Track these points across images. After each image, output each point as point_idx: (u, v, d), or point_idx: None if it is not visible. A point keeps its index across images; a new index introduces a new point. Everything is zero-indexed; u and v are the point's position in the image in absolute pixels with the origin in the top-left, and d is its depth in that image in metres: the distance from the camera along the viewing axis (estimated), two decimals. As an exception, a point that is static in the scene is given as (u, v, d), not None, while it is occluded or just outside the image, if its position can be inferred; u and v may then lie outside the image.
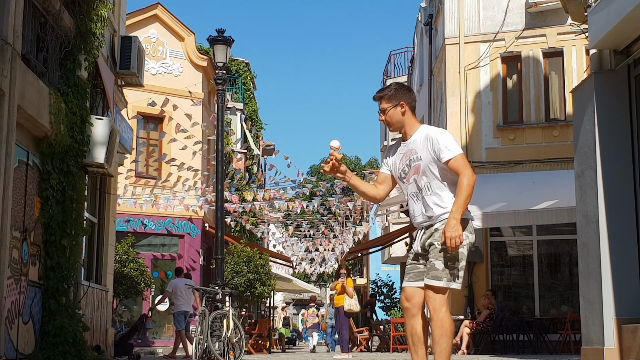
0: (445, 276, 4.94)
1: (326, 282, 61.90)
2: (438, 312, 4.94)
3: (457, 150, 5.01)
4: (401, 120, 5.19)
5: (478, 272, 18.18)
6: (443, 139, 5.05)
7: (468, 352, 16.64)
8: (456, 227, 4.84)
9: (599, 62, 9.56)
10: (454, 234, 4.83)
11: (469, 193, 4.91)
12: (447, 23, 19.38)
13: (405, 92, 5.21)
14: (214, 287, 13.50)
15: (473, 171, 5.00)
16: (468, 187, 4.91)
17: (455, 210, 4.89)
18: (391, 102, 5.17)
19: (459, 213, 4.88)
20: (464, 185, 4.91)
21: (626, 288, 8.91)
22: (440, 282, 4.94)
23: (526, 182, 17.28)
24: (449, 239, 4.83)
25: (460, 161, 4.98)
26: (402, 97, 5.17)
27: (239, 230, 27.96)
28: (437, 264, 4.96)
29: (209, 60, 24.07)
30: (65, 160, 10.74)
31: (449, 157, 4.97)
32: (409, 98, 5.20)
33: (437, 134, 5.08)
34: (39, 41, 10.29)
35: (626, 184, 9.13)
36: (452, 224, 4.86)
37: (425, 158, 5.07)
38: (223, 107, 15.43)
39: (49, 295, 10.36)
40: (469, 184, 4.91)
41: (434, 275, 4.95)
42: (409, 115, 5.18)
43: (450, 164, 4.98)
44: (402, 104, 5.16)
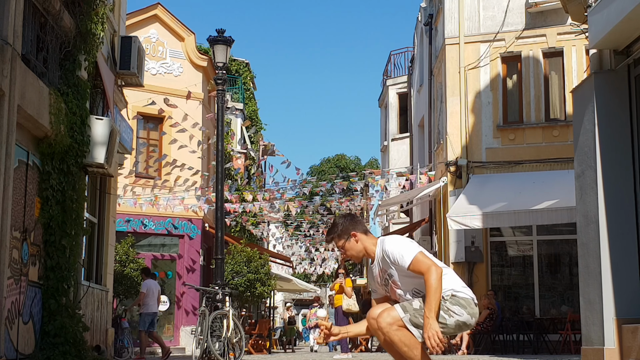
0: (411, 314, 4.93)
1: (326, 282, 61.92)
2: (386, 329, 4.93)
3: (412, 253, 4.96)
4: (359, 249, 5.22)
5: (478, 272, 18.18)
6: (395, 249, 5.03)
7: (468, 352, 16.64)
8: (432, 325, 4.79)
9: (599, 62, 9.55)
10: (430, 333, 4.77)
11: (435, 288, 4.84)
12: (447, 23, 19.39)
13: (350, 222, 5.25)
14: (214, 287, 13.50)
15: (435, 264, 4.93)
16: (434, 282, 4.84)
17: (427, 309, 4.83)
18: (342, 237, 5.22)
19: (432, 312, 4.81)
20: (430, 285, 4.85)
21: (626, 288, 8.91)
22: (403, 313, 4.95)
23: (526, 182, 17.28)
24: (427, 339, 4.79)
25: (419, 261, 4.92)
26: (349, 228, 5.22)
27: (239, 230, 27.97)
28: (414, 303, 4.98)
29: (209, 60, 24.06)
30: (65, 160, 10.74)
31: (407, 263, 4.94)
32: (357, 225, 5.24)
33: (389, 248, 5.07)
34: (39, 41, 10.29)
35: (626, 184, 9.12)
36: (427, 323, 4.81)
37: (394, 273, 5.08)
38: (223, 107, 15.43)
39: (49, 295, 10.36)
40: (433, 278, 4.85)
41: (402, 306, 4.98)
42: (364, 239, 5.21)
43: (411, 269, 4.95)
44: (353, 234, 5.20)
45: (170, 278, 24.19)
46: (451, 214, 16.74)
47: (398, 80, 30.27)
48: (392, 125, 30.13)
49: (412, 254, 4.95)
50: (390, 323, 4.92)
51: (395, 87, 30.32)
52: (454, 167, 18.67)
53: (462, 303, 4.96)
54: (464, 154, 18.69)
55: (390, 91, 30.40)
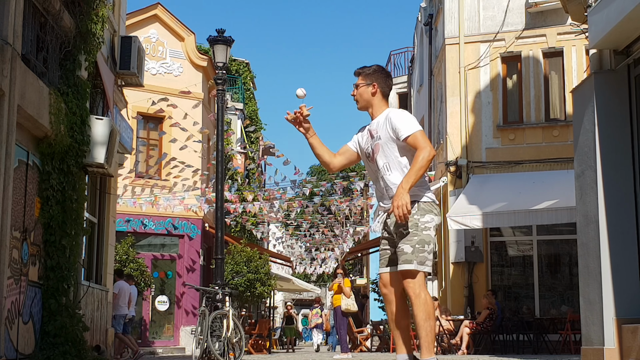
0: (414, 259, 4.95)
1: (326, 282, 61.89)
2: (418, 297, 4.96)
3: (415, 128, 5.02)
4: (369, 100, 5.26)
5: (478, 272, 18.18)
6: (401, 117, 5.09)
7: (468, 352, 16.64)
8: (403, 195, 4.82)
9: (599, 62, 9.55)
10: (400, 202, 4.81)
11: (422, 165, 4.89)
12: (447, 23, 19.38)
13: (381, 75, 5.27)
14: (214, 287, 13.50)
15: (432, 147, 4.99)
16: (423, 159, 4.89)
17: (405, 180, 4.89)
18: (366, 80, 5.26)
19: (408, 183, 4.86)
20: (419, 158, 4.90)
21: (626, 288, 8.91)
22: (410, 265, 4.95)
23: (526, 182, 17.28)
24: (395, 207, 4.83)
25: (418, 137, 4.97)
26: (376, 78, 5.25)
27: (239, 230, 27.96)
28: (405, 248, 4.99)
29: (209, 60, 24.06)
30: (65, 160, 10.74)
31: (407, 133, 4.99)
32: (383, 82, 5.26)
33: (396, 113, 5.13)
34: (39, 41, 10.29)
35: (626, 184, 9.12)
36: (399, 192, 4.86)
37: (384, 137, 5.11)
38: (223, 107, 15.43)
39: (49, 295, 10.35)
40: (424, 157, 4.89)
41: (404, 260, 4.98)
42: (378, 98, 5.25)
43: (408, 140, 4.99)
44: (374, 85, 5.24)
45: (170, 278, 24.18)
46: (451, 214, 16.74)
47: (398, 80, 30.26)
48: (392, 125, 30.09)
49: (415, 128, 5.02)
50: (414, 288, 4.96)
51: (395, 87, 30.29)
52: (454, 167, 18.67)
53: (428, 208, 5.06)
54: (464, 154, 18.68)
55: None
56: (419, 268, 4.96)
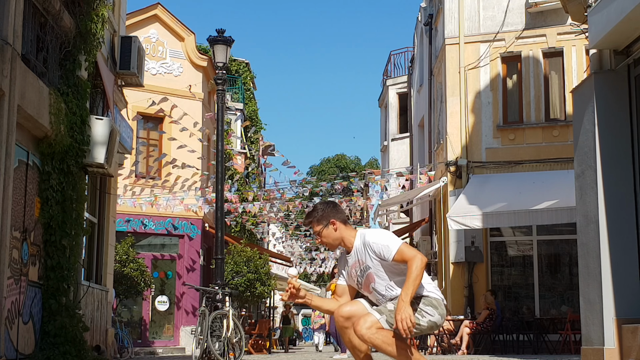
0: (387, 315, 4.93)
1: (326, 282, 61.94)
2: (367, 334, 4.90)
3: (396, 244, 4.97)
4: (337, 237, 5.20)
5: (478, 272, 18.18)
6: (378, 240, 5.03)
7: (468, 352, 16.64)
8: (405, 308, 4.79)
9: (599, 62, 9.55)
10: (403, 316, 4.77)
11: (417, 274, 4.85)
12: (447, 23, 19.38)
13: (331, 209, 5.22)
14: (214, 287, 13.50)
15: (421, 254, 4.95)
16: (417, 269, 4.85)
17: (404, 293, 4.84)
18: (321, 223, 5.19)
19: (408, 296, 4.82)
20: (413, 271, 4.86)
21: (626, 288, 8.91)
22: (379, 315, 4.94)
23: (526, 182, 17.27)
24: (399, 321, 4.78)
25: (404, 252, 4.94)
26: (329, 215, 5.19)
27: (239, 230, 27.96)
28: (389, 305, 4.99)
29: (209, 60, 24.07)
30: (65, 160, 10.74)
31: (392, 254, 4.95)
32: (337, 213, 5.22)
33: (372, 237, 5.07)
34: (39, 41, 10.29)
35: (626, 184, 9.12)
36: (401, 306, 4.81)
37: (373, 265, 5.07)
38: (223, 107, 15.43)
39: (49, 295, 10.36)
40: (417, 266, 4.85)
41: (377, 310, 4.98)
42: (342, 229, 5.19)
43: (395, 259, 4.95)
44: (332, 222, 5.18)
45: (170, 278, 24.20)
46: (451, 214, 16.74)
47: (398, 80, 30.27)
48: (392, 125, 30.13)
49: (397, 244, 4.97)
50: (368, 327, 4.90)
51: (395, 87, 30.33)
52: (454, 167, 18.67)
53: (434, 304, 5.02)
54: (464, 154, 18.68)
55: (390, 91, 30.40)
56: (384, 324, 4.92)
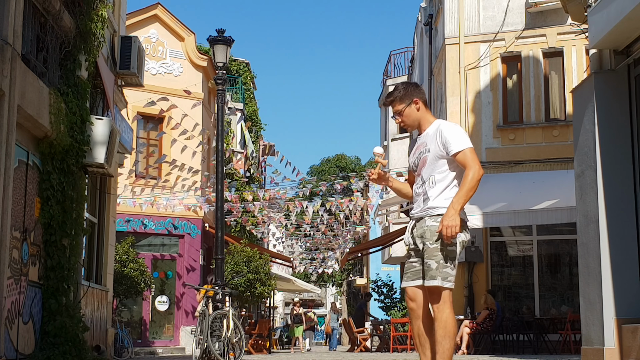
0: (439, 275, 4.92)
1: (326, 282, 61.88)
2: (441, 313, 4.93)
3: (465, 144, 4.95)
4: (417, 118, 5.16)
5: (478, 272, 18.18)
6: (453, 132, 5.01)
7: (468, 352, 16.64)
8: (454, 217, 4.80)
9: (599, 62, 9.56)
10: (451, 223, 4.79)
11: (472, 186, 4.85)
12: (447, 23, 19.38)
13: (414, 88, 5.18)
14: (214, 287, 13.50)
15: (481, 166, 4.93)
16: (472, 179, 4.85)
17: (456, 200, 4.85)
18: (404, 102, 5.13)
19: (459, 204, 4.83)
20: (468, 178, 4.86)
21: (626, 288, 8.91)
22: (435, 281, 4.92)
23: (526, 182, 17.27)
24: (445, 227, 4.80)
25: (468, 155, 4.92)
26: (413, 94, 5.14)
27: (239, 230, 27.95)
28: (431, 264, 4.95)
29: (209, 60, 24.05)
30: (65, 160, 10.74)
31: (457, 150, 4.93)
32: (420, 93, 5.17)
33: (448, 127, 5.05)
34: (39, 41, 10.29)
35: (626, 184, 9.13)
36: (451, 213, 4.83)
37: (433, 150, 5.04)
38: (223, 107, 15.42)
39: (49, 295, 10.35)
40: (473, 177, 4.85)
41: (430, 276, 4.94)
42: (424, 111, 5.16)
43: (458, 157, 4.94)
44: (415, 101, 5.13)
45: (170, 278, 24.18)
46: (451, 214, 16.72)
47: (398, 80, 30.25)
48: (392, 125, 30.14)
49: (466, 144, 4.96)
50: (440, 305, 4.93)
51: (395, 87, 30.28)
52: (454, 167, 18.66)
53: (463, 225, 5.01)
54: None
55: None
56: (443, 284, 4.91)
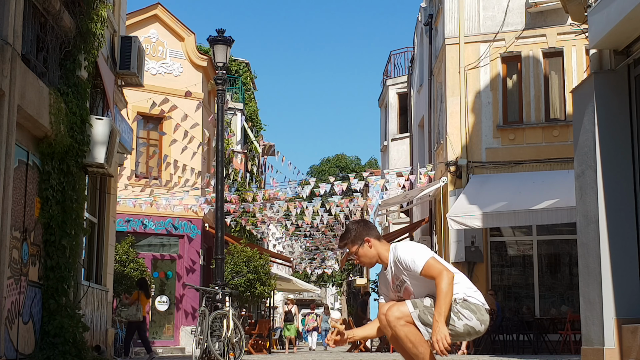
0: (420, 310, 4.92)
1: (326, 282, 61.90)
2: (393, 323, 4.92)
3: (424, 258, 4.94)
4: (373, 255, 5.18)
5: (478, 272, 18.17)
6: (407, 255, 5.01)
7: (468, 352, 16.64)
8: (441, 329, 4.78)
9: (599, 62, 9.55)
10: (439, 336, 4.77)
11: (446, 292, 4.83)
12: (447, 23, 19.38)
13: (363, 227, 5.20)
14: (214, 287, 13.50)
15: (447, 269, 4.91)
16: (445, 286, 4.83)
17: (437, 313, 4.83)
18: (356, 243, 5.17)
19: (441, 315, 4.80)
20: (441, 289, 4.84)
21: (626, 288, 8.91)
22: (413, 308, 4.93)
23: (526, 182, 17.27)
24: (434, 342, 4.78)
25: (431, 267, 4.91)
26: (363, 234, 5.17)
27: (239, 230, 27.96)
28: (425, 300, 4.96)
29: (209, 60, 24.05)
30: (65, 160, 10.74)
31: (420, 268, 4.93)
32: (370, 230, 5.20)
33: (401, 252, 5.05)
34: (39, 41, 10.29)
35: (626, 184, 9.12)
36: (435, 327, 4.80)
37: (407, 279, 5.07)
38: (223, 107, 15.42)
39: (49, 295, 10.35)
40: (444, 283, 4.84)
41: (412, 303, 4.96)
42: (378, 246, 5.17)
43: (423, 274, 4.93)
44: (367, 240, 5.16)
45: (170, 278, 24.18)
46: (451, 214, 16.74)
47: (398, 80, 30.26)
48: (392, 125, 30.12)
49: (424, 259, 4.93)
50: (398, 317, 4.91)
51: (395, 87, 30.31)
52: (454, 167, 18.67)
53: (473, 308, 4.95)
54: (464, 154, 18.68)
55: (390, 91, 30.39)
56: (415, 319, 4.91)
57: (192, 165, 22.90)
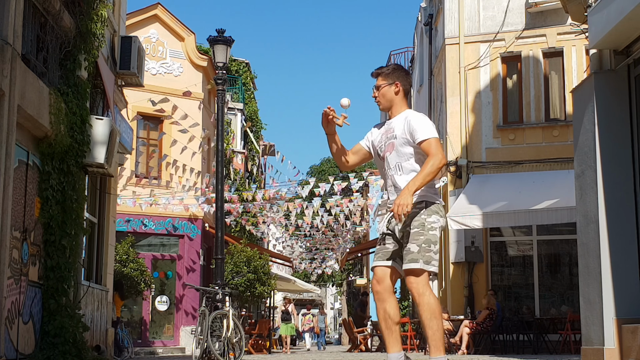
0: (421, 258, 4.96)
1: (326, 282, 61.88)
2: (422, 296, 4.97)
3: (431, 134, 5.03)
4: (392, 100, 5.26)
5: (478, 272, 18.17)
6: (419, 120, 5.10)
7: (468, 352, 16.63)
8: (406, 196, 4.84)
9: (599, 62, 9.55)
10: (401, 202, 4.82)
11: (431, 171, 4.91)
12: (447, 23, 19.38)
13: (402, 73, 5.28)
14: (214, 287, 13.50)
15: (444, 156, 5.01)
16: (432, 166, 4.92)
17: (412, 182, 4.91)
18: (387, 80, 5.25)
19: (415, 186, 4.89)
20: (429, 164, 4.93)
21: (626, 288, 8.91)
22: (417, 264, 4.96)
23: (526, 182, 17.27)
24: (395, 205, 4.84)
25: (432, 143, 5.00)
26: (398, 77, 5.25)
27: (239, 230, 27.95)
28: (412, 247, 4.99)
29: (209, 60, 24.05)
30: (65, 160, 10.74)
31: (422, 138, 5.01)
32: (405, 80, 5.28)
33: (415, 116, 5.16)
34: (39, 41, 10.29)
35: (626, 184, 9.12)
36: (403, 192, 4.88)
37: (399, 137, 5.13)
38: (223, 107, 15.43)
39: (49, 295, 10.35)
40: (434, 164, 4.92)
41: (410, 259, 4.98)
42: (400, 97, 5.26)
43: (423, 145, 5.01)
44: (396, 84, 5.24)
45: (170, 278, 24.18)
46: (451, 213, 16.73)
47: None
48: (392, 125, 30.07)
49: (432, 134, 5.03)
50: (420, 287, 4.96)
51: (395, 87, 30.27)
52: (454, 167, 18.67)
53: (435, 210, 5.08)
54: (464, 154, 18.68)
55: (390, 91, 30.35)
56: (425, 267, 4.97)
57: (192, 165, 22.88)
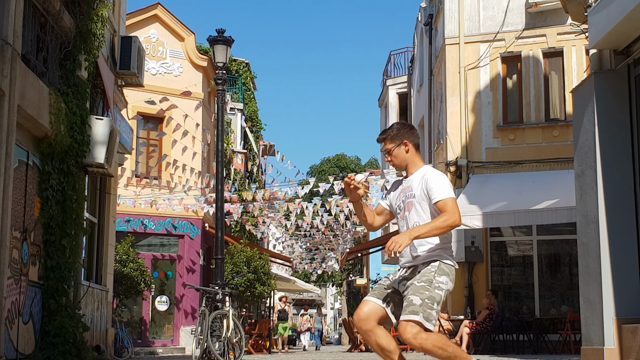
0: (422, 312, 4.86)
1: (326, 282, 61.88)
2: (425, 342, 4.84)
3: (448, 194, 4.95)
4: (405, 159, 5.20)
5: (478, 272, 18.17)
6: (437, 180, 5.03)
7: (468, 352, 16.61)
8: (405, 237, 4.79)
9: (599, 62, 9.56)
10: (398, 240, 4.77)
11: (441, 226, 4.84)
12: (447, 23, 19.38)
13: (407, 130, 5.22)
14: (214, 287, 13.50)
15: (460, 218, 4.90)
16: (444, 222, 4.84)
17: (417, 228, 4.87)
18: (394, 141, 5.19)
19: (417, 233, 4.82)
20: (441, 219, 4.86)
21: (626, 288, 8.91)
22: (417, 316, 4.84)
23: (526, 182, 17.27)
24: (390, 241, 4.78)
25: (449, 204, 4.92)
26: (404, 136, 5.19)
27: (239, 230, 27.94)
28: (414, 300, 4.89)
29: (209, 60, 24.04)
30: (65, 160, 10.74)
31: (438, 198, 4.94)
32: (412, 136, 5.20)
33: (433, 175, 5.08)
34: (39, 41, 10.29)
35: (626, 184, 9.13)
36: (404, 233, 4.84)
37: (418, 196, 5.07)
38: (223, 107, 15.43)
39: (49, 295, 10.36)
40: (447, 220, 4.84)
41: (411, 310, 4.87)
42: (413, 154, 5.19)
43: (438, 205, 4.93)
44: (405, 143, 5.18)
45: (170, 278, 24.17)
46: (451, 214, 16.71)
47: (398, 80, 30.25)
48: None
49: (449, 194, 4.97)
50: (415, 334, 4.85)
51: (395, 87, 30.31)
52: (454, 167, 18.67)
53: (447, 271, 5.00)
54: (464, 154, 18.68)
55: (390, 91, 30.39)
56: (424, 322, 4.85)
57: (192, 165, 22.87)
